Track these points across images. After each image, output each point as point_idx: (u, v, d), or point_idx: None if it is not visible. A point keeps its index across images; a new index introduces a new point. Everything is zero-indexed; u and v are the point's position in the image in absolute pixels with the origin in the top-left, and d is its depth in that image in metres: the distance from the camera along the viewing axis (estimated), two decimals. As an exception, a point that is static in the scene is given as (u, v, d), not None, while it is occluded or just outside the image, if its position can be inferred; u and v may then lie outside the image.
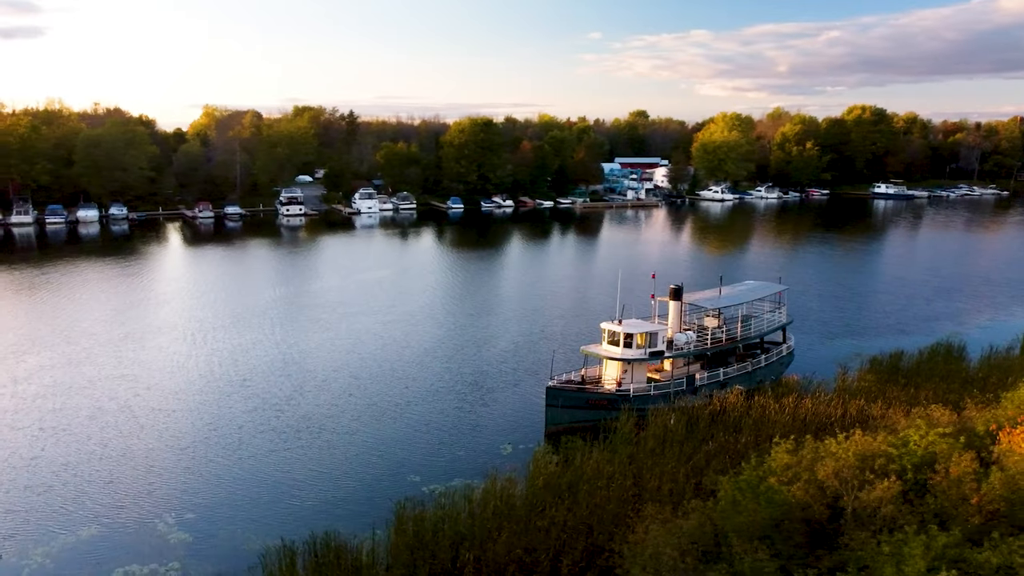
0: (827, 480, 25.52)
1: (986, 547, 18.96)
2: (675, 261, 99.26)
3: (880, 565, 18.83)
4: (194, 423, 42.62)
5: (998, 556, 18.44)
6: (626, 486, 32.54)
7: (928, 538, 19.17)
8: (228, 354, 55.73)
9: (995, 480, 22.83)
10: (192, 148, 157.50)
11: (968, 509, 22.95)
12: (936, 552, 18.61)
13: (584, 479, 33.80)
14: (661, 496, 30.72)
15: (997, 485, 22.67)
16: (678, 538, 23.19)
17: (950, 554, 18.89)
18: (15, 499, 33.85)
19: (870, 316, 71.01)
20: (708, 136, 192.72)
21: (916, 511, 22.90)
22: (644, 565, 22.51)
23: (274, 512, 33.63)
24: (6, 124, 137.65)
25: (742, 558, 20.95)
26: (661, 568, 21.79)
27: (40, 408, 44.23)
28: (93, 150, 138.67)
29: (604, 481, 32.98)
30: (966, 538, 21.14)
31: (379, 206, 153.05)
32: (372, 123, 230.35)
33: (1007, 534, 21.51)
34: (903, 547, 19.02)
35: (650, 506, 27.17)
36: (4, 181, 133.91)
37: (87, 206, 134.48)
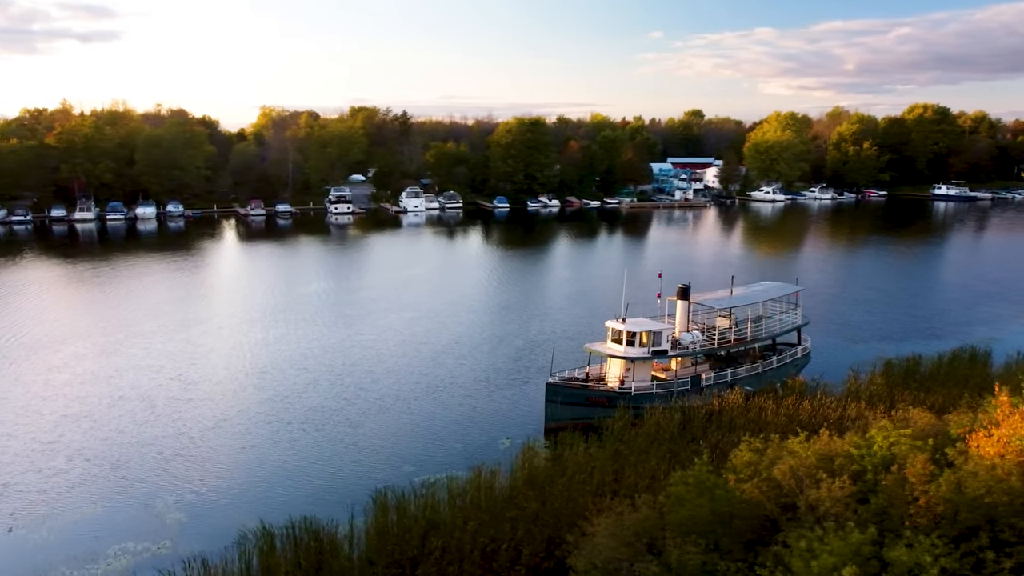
0: (783, 478, 25.62)
1: (900, 546, 18.97)
2: (705, 262, 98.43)
3: (792, 559, 19.03)
4: (206, 412, 44.46)
5: (909, 555, 18.45)
6: (605, 481, 33.00)
7: (844, 534, 19.28)
8: (251, 347, 57.75)
9: (943, 482, 22.69)
10: (247, 148, 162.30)
11: (916, 510, 22.88)
12: (849, 549, 18.71)
13: (565, 474, 34.41)
14: (638, 492, 31.07)
15: (944, 487, 22.54)
16: (621, 530, 23.65)
17: (865, 551, 18.96)
18: (30, 479, 35.99)
19: (903, 320, 69.51)
20: (761, 136, 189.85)
21: (867, 511, 22.91)
22: (587, 555, 23.05)
23: (268, 497, 35.04)
24: (72, 125, 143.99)
25: (671, 551, 21.33)
26: (597, 558, 22.32)
27: (66, 395, 46.71)
28: (153, 150, 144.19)
29: (584, 476, 33.49)
30: (902, 538, 21.16)
31: (425, 205, 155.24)
32: (426, 123, 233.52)
33: (948, 536, 21.45)
34: (815, 543, 19.18)
35: (612, 499, 27.63)
36: (70, 179, 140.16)
37: (146, 203, 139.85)
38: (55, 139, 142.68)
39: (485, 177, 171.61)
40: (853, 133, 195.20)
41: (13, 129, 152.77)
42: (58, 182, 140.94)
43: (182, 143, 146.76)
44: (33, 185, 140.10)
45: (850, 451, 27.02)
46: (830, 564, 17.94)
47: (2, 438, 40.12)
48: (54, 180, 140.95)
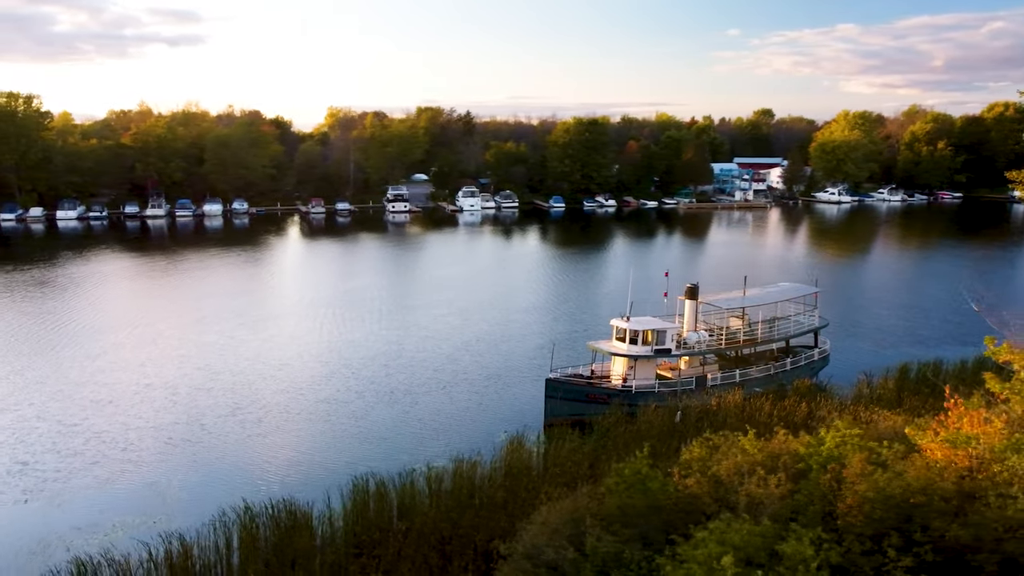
0: (724, 474, 25.97)
1: (791, 539, 19.20)
2: (743, 263, 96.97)
3: (682, 548, 19.48)
4: (223, 401, 46.72)
5: (794, 548, 18.67)
6: (578, 475, 33.69)
7: (739, 526, 19.64)
8: (280, 340, 60.13)
9: (866, 481, 22.77)
10: (311, 148, 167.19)
11: (844, 508, 23.05)
12: (739, 539, 19.09)
13: (541, 467, 35.30)
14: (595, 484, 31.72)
15: (866, 486, 22.65)
16: (553, 517, 24.43)
17: (755, 542, 19.24)
18: (48, 459, 38.74)
19: (943, 326, 67.43)
20: (828, 135, 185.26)
21: (788, 507, 23.15)
22: (516, 541, 23.91)
23: (263, 480, 36.85)
24: (146, 126, 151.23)
25: (588, 539, 22.01)
26: (520, 543, 23.15)
27: (97, 381, 49.77)
28: (221, 149, 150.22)
29: (557, 469, 34.29)
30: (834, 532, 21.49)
31: (481, 204, 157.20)
32: (490, 123, 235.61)
33: (866, 533, 21.61)
34: (704, 532, 19.59)
35: (559, 490, 28.39)
36: (144, 178, 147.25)
37: (213, 201, 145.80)
38: (131, 139, 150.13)
39: (543, 177, 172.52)
40: (927, 132, 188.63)
41: (96, 130, 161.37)
42: (133, 180, 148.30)
43: (248, 143, 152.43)
44: (111, 183, 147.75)
45: (798, 450, 27.22)
46: (715, 553, 18.36)
47: (31, 420, 43.12)
48: (130, 178, 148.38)
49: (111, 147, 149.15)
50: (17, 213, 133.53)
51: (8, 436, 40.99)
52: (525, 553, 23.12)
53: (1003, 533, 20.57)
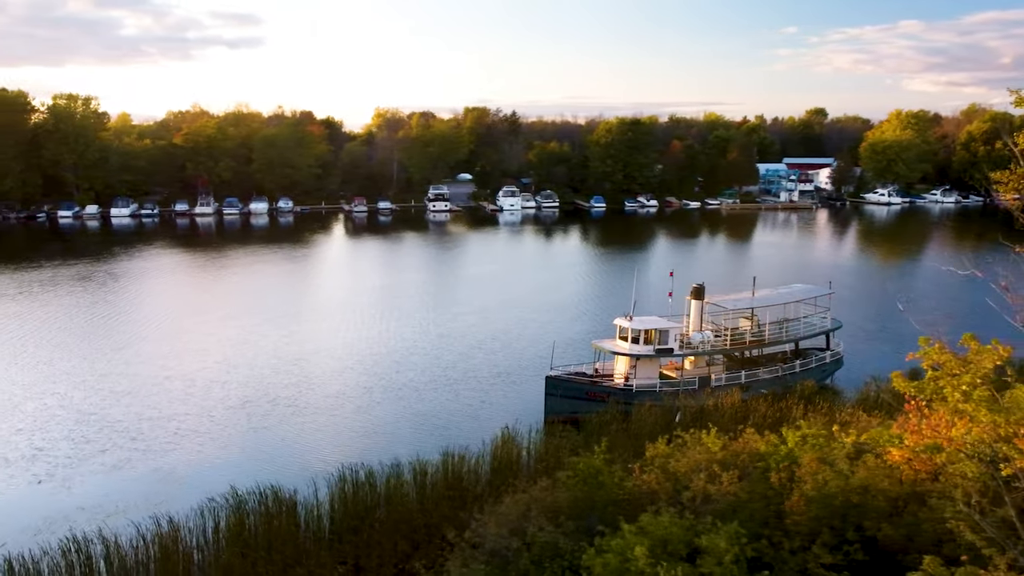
0: (682, 471, 26.34)
1: (708, 533, 19.52)
2: (770, 263, 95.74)
3: (607, 541, 19.93)
4: (234, 394, 48.40)
5: (710, 541, 18.99)
6: (560, 469, 34.23)
7: (661, 519, 20.03)
8: (297, 336, 61.80)
9: (810, 480, 22.94)
10: (355, 148, 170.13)
11: (790, 506, 23.31)
12: (660, 532, 19.49)
13: (530, 462, 36.03)
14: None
15: (809, 484, 22.83)
16: (507, 508, 25.13)
17: (676, 535, 19.60)
18: (62, 445, 40.82)
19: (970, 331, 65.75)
20: (879, 135, 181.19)
21: (741, 505, 23.48)
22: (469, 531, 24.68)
23: (261, 470, 38.04)
24: (197, 126, 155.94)
25: (530, 528, 22.65)
26: (468, 534, 23.91)
27: (120, 373, 51.98)
28: (268, 149, 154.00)
29: (541, 464, 34.93)
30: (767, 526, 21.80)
31: (521, 204, 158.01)
32: (536, 123, 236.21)
33: (803, 531, 21.85)
34: (628, 525, 19.99)
35: (528, 483, 29.01)
36: (194, 177, 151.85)
37: (259, 199, 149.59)
38: (182, 139, 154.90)
39: (584, 177, 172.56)
40: (984, 132, 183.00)
41: (151, 130, 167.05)
42: (184, 179, 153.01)
43: (295, 143, 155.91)
44: (163, 182, 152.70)
45: (760, 448, 27.40)
46: (632, 543, 18.82)
47: (53, 409, 45.39)
48: (181, 177, 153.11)
49: (164, 147, 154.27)
50: (74, 210, 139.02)
51: (30, 423, 43.28)
52: (471, 541, 23.87)
53: (942, 535, 20.55)
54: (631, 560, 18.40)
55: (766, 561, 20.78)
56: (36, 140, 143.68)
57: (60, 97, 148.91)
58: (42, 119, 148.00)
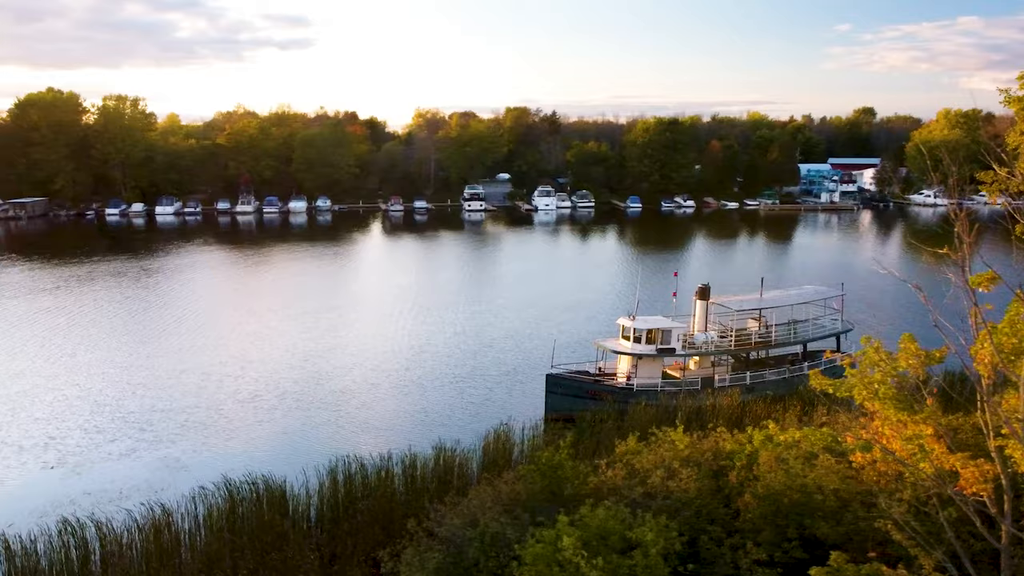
0: (646, 467, 26.71)
1: (637, 525, 19.87)
2: (790, 265, 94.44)
3: (541, 531, 20.38)
4: (245, 388, 49.76)
5: (638, 533, 19.31)
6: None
7: (597, 511, 20.45)
8: (313, 332, 63.11)
9: (766, 480, 23.16)
10: (393, 148, 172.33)
11: (741, 504, 23.60)
12: (595, 524, 19.93)
13: (520, 457, 36.66)
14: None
15: (758, 484, 23.06)
16: (474, 500, 25.77)
17: (611, 527, 19.96)
18: (75, 434, 42.55)
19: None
20: (926, 135, 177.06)
21: (688, 501, 23.77)
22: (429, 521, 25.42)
23: (261, 460, 39.41)
24: (239, 126, 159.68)
25: (483, 518, 23.24)
26: (429, 524, 24.64)
27: (139, 366, 53.82)
28: (308, 149, 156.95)
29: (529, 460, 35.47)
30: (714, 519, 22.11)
31: (556, 203, 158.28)
32: (577, 123, 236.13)
33: (751, 527, 22.13)
34: (564, 517, 20.43)
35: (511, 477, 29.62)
36: (236, 176, 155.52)
37: (298, 198, 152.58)
38: (225, 139, 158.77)
39: (621, 176, 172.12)
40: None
41: (198, 131, 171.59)
42: (227, 178, 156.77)
43: (334, 143, 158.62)
44: (206, 180, 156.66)
45: (725, 447, 27.60)
46: (563, 532, 19.29)
47: (73, 399, 47.29)
48: (224, 176, 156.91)
49: (208, 147, 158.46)
50: (121, 208, 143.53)
51: (47, 412, 45.20)
52: (428, 530, 24.54)
53: (881, 535, 20.60)
54: (561, 550, 18.85)
55: (704, 556, 21.09)
56: (86, 140, 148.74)
57: (110, 98, 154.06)
58: (92, 120, 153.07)
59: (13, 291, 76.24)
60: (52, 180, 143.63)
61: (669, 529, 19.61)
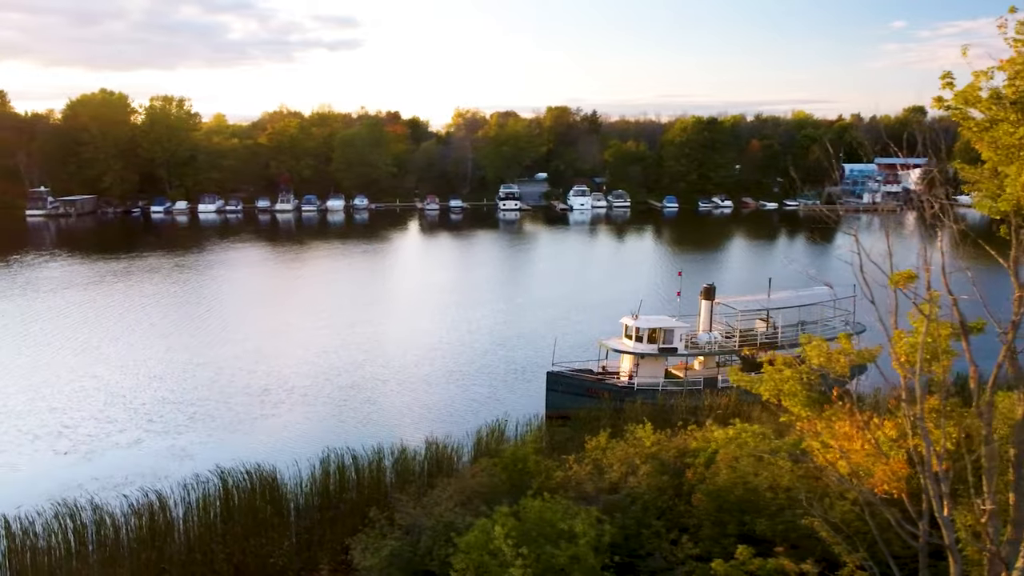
0: (612, 463, 27.09)
1: (571, 518, 20.22)
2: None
3: (478, 521, 20.90)
4: (255, 382, 50.97)
5: (570, 525, 19.70)
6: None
7: (535, 503, 20.88)
8: (329, 329, 64.25)
9: (712, 475, 23.35)
10: (431, 147, 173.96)
11: (697, 501, 23.86)
12: (533, 515, 20.37)
13: (487, 452, 37.28)
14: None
15: (709, 481, 23.25)
16: (444, 491, 26.49)
17: (548, 517, 20.37)
18: (89, 424, 44.23)
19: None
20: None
21: (637, 496, 24.11)
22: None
23: (260, 451, 40.38)
24: (280, 126, 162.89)
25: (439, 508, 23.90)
26: (389, 513, 25.39)
27: (157, 359, 55.47)
28: (347, 148, 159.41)
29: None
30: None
31: (592, 203, 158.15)
32: (617, 122, 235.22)
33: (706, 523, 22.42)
34: (505, 508, 20.88)
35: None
36: (277, 174, 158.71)
37: (336, 197, 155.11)
38: (267, 139, 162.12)
39: (659, 176, 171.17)
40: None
41: (242, 130, 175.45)
42: (268, 177, 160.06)
43: (372, 142, 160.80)
44: (248, 179, 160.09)
45: (690, 445, 27.78)
46: (499, 520, 19.79)
47: (91, 391, 49.07)
48: (265, 175, 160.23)
49: (250, 146, 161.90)
50: (165, 206, 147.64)
51: (64, 402, 47.05)
52: (388, 518, 25.22)
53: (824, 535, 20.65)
54: (495, 539, 19.34)
55: (646, 549, 21.39)
56: (134, 139, 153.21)
57: (156, 99, 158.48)
58: (140, 120, 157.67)
59: (52, 285, 79.27)
60: (101, 178, 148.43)
61: (601, 522, 19.97)
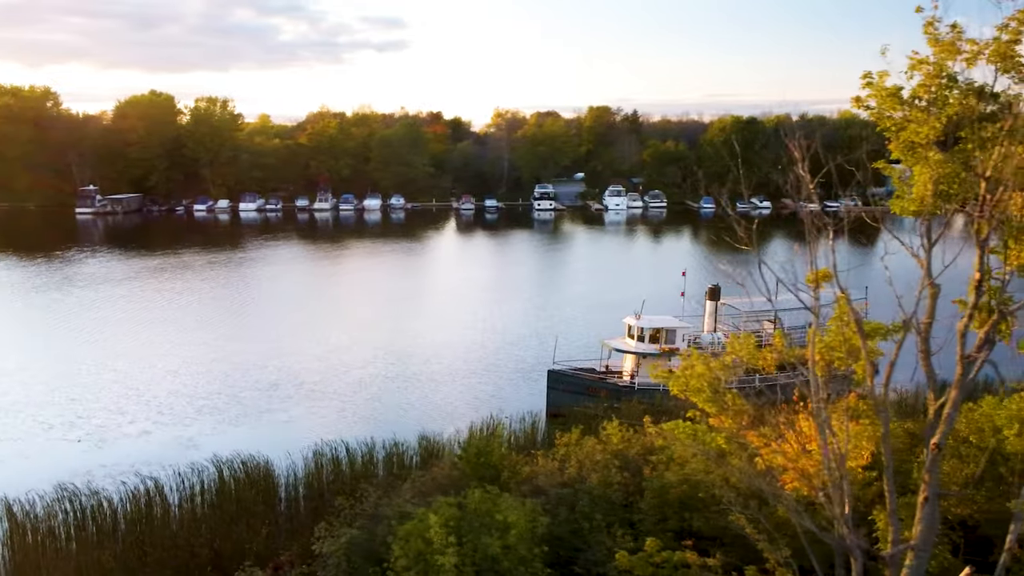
0: (578, 458, 27.52)
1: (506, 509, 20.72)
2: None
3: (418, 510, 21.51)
4: (265, 377, 52.27)
5: (504, 515, 20.17)
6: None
7: (475, 494, 21.42)
8: (344, 325, 65.80)
9: (666, 471, 23.66)
10: (467, 147, 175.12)
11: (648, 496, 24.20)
12: (472, 505, 20.93)
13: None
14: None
15: (661, 478, 23.56)
16: (410, 482, 27.20)
17: (484, 507, 20.90)
18: (102, 414, 46.02)
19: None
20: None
21: (586, 490, 24.56)
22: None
23: (258, 442, 41.48)
24: (320, 126, 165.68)
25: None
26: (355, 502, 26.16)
27: (175, 354, 57.16)
28: (385, 149, 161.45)
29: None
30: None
31: (627, 203, 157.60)
32: (659, 122, 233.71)
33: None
34: (449, 498, 21.43)
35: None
36: (316, 174, 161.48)
37: (372, 196, 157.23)
38: (306, 139, 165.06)
39: (696, 176, 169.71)
40: None
41: (283, 131, 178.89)
42: (308, 176, 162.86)
43: (410, 142, 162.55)
44: (289, 178, 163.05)
45: (655, 443, 28.00)
46: (441, 508, 20.43)
47: (109, 383, 50.94)
48: (305, 175, 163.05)
49: (290, 146, 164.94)
50: (207, 204, 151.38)
51: (82, 393, 48.99)
52: (352, 507, 25.97)
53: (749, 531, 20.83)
54: (429, 528, 19.93)
55: (587, 541, 21.78)
56: (179, 140, 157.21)
57: (201, 100, 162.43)
58: (185, 120, 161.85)
59: (86, 281, 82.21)
60: (147, 177, 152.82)
61: (536, 513, 20.44)
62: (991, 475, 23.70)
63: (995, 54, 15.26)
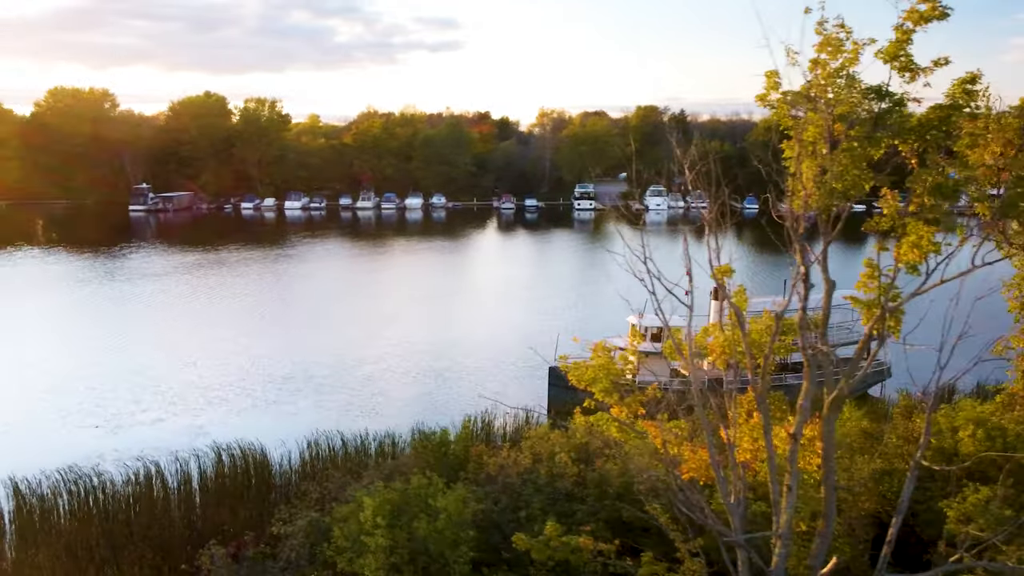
0: (539, 451, 28.14)
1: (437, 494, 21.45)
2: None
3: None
4: (278, 371, 53.71)
5: (442, 502, 20.86)
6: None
7: (415, 480, 22.17)
8: (364, 323, 67.20)
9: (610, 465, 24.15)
10: (509, 146, 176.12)
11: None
12: (412, 490, 21.71)
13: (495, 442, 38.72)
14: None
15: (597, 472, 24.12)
16: (372, 471, 28.12)
17: (421, 492, 21.62)
18: (119, 402, 48.14)
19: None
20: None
21: (539, 480, 25.19)
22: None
23: (257, 433, 42.94)
24: (364, 126, 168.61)
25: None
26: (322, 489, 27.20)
27: (195, 348, 59.09)
28: (427, 148, 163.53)
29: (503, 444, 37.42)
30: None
31: (668, 203, 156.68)
32: (708, 121, 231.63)
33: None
34: (381, 482, 22.22)
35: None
36: (360, 173, 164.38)
37: (414, 195, 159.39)
38: (351, 139, 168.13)
39: (739, 175, 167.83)
40: None
41: (329, 131, 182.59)
42: (352, 175, 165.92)
43: (453, 142, 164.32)
44: (334, 178, 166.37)
45: (619, 438, 28.42)
46: (378, 492, 21.26)
47: (127, 373, 53.03)
48: (349, 174, 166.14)
49: (335, 146, 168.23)
50: (254, 203, 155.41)
51: (101, 383, 51.13)
52: (317, 492, 27.03)
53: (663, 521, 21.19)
54: (362, 510, 20.81)
55: (509, 531, 22.39)
56: (228, 140, 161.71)
57: (250, 100, 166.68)
58: (235, 121, 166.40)
59: (125, 275, 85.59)
60: (197, 176, 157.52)
61: (467, 499, 21.14)
62: (940, 475, 23.73)
63: (886, 54, 15.39)
